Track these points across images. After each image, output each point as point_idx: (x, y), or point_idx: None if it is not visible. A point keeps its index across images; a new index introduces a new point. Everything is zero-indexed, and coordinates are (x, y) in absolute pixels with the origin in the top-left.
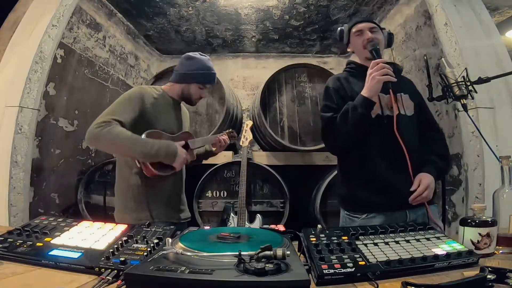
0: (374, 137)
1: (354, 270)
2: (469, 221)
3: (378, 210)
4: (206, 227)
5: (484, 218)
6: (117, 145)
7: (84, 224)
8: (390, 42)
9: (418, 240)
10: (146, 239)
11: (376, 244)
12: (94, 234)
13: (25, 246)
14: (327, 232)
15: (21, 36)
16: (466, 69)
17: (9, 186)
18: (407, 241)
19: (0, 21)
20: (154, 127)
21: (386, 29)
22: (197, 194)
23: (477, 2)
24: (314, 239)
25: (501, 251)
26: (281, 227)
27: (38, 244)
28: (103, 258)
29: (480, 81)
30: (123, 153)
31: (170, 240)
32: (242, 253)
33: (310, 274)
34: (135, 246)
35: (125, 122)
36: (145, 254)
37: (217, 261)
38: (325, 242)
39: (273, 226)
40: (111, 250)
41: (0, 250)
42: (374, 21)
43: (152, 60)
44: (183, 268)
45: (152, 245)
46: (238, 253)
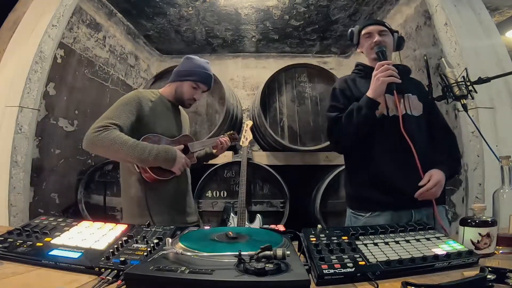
0: (379, 136)
1: (354, 270)
2: (469, 221)
3: (382, 208)
4: (206, 227)
5: (484, 218)
6: (115, 150)
7: (84, 224)
8: (399, 45)
9: (418, 240)
10: (146, 239)
11: (376, 244)
12: (94, 234)
13: (25, 246)
14: (327, 232)
15: (21, 36)
16: (466, 69)
17: (9, 186)
18: (407, 241)
19: (0, 21)
20: (153, 131)
21: (398, 32)
22: (197, 194)
23: (477, 2)
24: (314, 239)
25: (501, 251)
26: (281, 227)
27: (38, 244)
28: (103, 258)
29: (480, 81)
30: (121, 158)
31: (170, 240)
32: (242, 253)
33: (310, 274)
34: (135, 246)
35: (123, 126)
36: (145, 254)
37: (217, 261)
38: (325, 242)
39: (273, 226)
40: (111, 250)
41: (0, 250)
42: (385, 23)
43: (152, 60)
44: (183, 268)
45: (152, 245)
46: (238, 253)
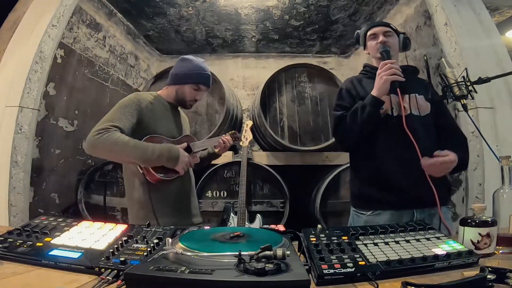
0: (383, 135)
1: (354, 270)
2: (469, 221)
3: (384, 207)
4: (206, 227)
5: (484, 218)
6: (117, 151)
7: (84, 224)
8: (405, 46)
9: (418, 240)
10: (146, 239)
11: (376, 244)
12: (94, 234)
13: (25, 246)
14: (327, 232)
15: (21, 36)
16: (466, 69)
17: (9, 186)
18: (407, 241)
19: (0, 21)
20: (154, 132)
21: (405, 34)
22: (197, 194)
23: (477, 2)
24: (314, 239)
25: (501, 251)
26: (281, 227)
27: (38, 244)
28: (103, 258)
29: (480, 81)
30: (124, 159)
31: (170, 240)
32: (242, 253)
33: (310, 274)
34: (135, 246)
35: (124, 128)
36: (145, 254)
37: (217, 261)
38: (325, 242)
39: (273, 226)
40: (111, 250)
41: (0, 250)
42: (390, 25)
43: (152, 60)
44: (183, 268)
45: (152, 245)
46: (238, 253)
